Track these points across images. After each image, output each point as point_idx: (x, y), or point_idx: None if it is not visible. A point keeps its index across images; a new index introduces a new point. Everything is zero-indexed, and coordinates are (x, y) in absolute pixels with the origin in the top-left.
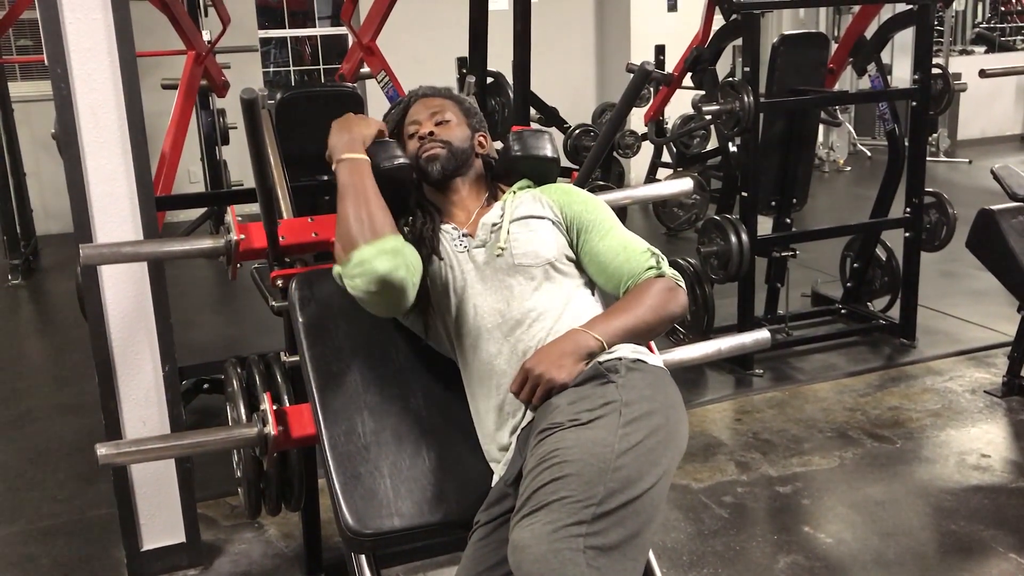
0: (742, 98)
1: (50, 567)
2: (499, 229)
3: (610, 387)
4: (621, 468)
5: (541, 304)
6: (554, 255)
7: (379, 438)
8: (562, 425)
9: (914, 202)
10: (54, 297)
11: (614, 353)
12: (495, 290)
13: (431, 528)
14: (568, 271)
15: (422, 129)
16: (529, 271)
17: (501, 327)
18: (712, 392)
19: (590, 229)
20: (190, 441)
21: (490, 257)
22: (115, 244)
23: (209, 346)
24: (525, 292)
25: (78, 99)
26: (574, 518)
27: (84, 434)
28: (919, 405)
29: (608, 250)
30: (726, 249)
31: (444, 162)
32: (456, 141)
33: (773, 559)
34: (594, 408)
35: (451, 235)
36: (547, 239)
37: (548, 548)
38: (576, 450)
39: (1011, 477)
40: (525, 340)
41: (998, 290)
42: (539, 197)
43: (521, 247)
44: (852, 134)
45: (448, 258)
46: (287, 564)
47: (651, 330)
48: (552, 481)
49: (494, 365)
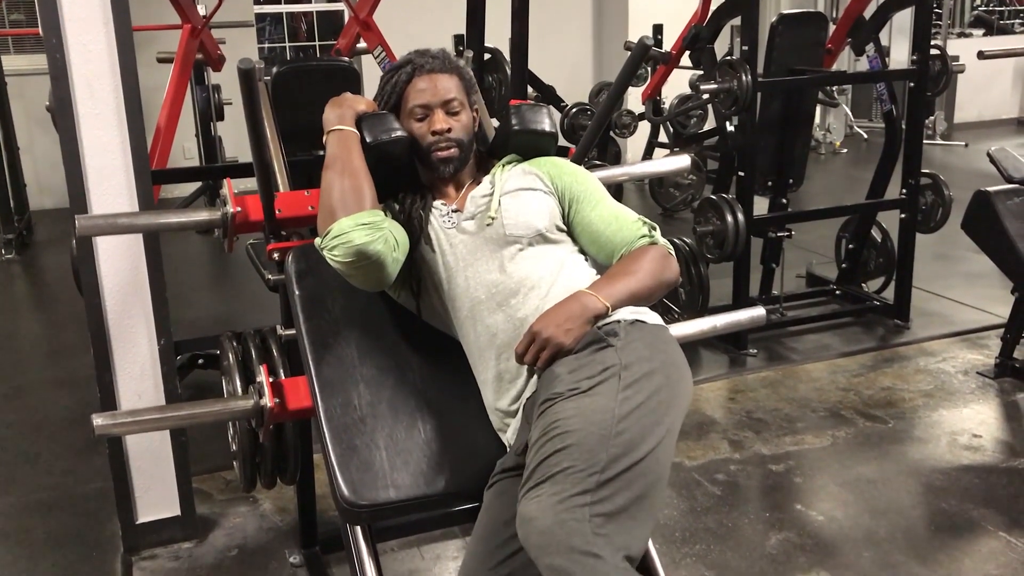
0: (740, 77)
1: (45, 540)
2: (489, 200)
3: (609, 351)
4: (623, 433)
5: (535, 272)
6: (545, 225)
7: (375, 410)
8: (562, 395)
9: (910, 183)
10: (48, 272)
11: (613, 315)
12: (486, 260)
13: (427, 500)
14: (559, 239)
15: (436, 123)
16: (520, 241)
17: (495, 297)
18: (706, 371)
19: (581, 200)
20: (186, 412)
21: (480, 228)
22: (111, 215)
23: (204, 322)
24: (517, 261)
25: (73, 70)
26: (578, 488)
27: (79, 408)
28: (912, 385)
29: (600, 220)
30: (722, 229)
31: (456, 164)
32: (466, 136)
33: (765, 536)
34: (593, 375)
35: (440, 211)
36: (538, 209)
37: (554, 519)
38: (577, 419)
39: (1002, 457)
40: (521, 309)
41: (992, 272)
42: (529, 170)
43: (512, 218)
44: (849, 116)
45: (437, 234)
46: (282, 538)
47: (650, 295)
48: (555, 452)
49: (491, 335)
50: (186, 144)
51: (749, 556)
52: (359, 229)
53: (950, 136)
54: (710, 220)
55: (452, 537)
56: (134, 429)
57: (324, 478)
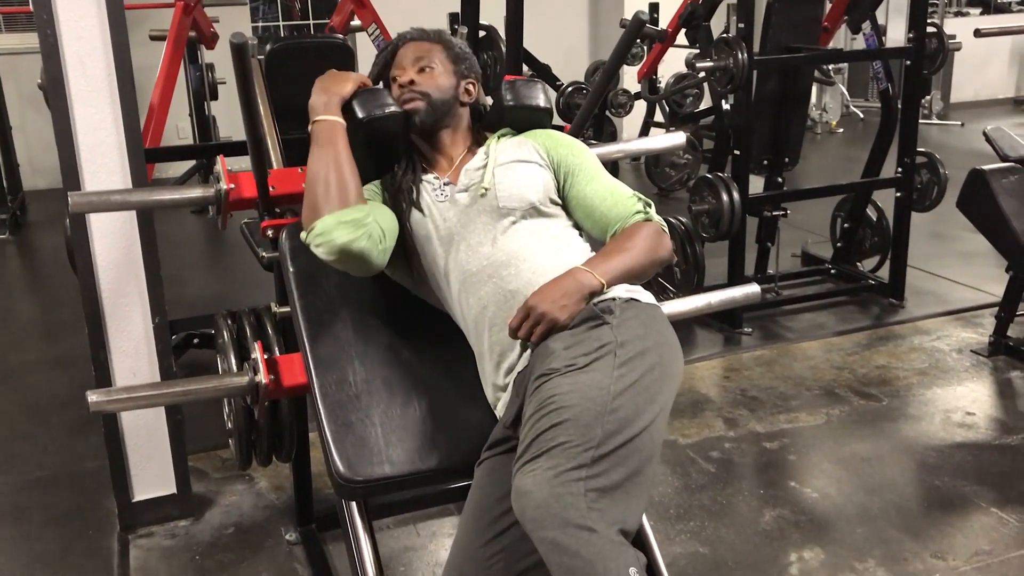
0: (736, 55)
1: (41, 518)
2: (483, 172)
3: (604, 329)
4: (618, 409)
5: (527, 245)
6: (538, 198)
7: (370, 387)
8: (558, 371)
9: (906, 162)
10: (42, 252)
11: (608, 293)
12: (479, 232)
13: (421, 475)
14: (553, 213)
15: (402, 76)
16: (513, 213)
17: (486, 269)
18: (701, 350)
19: (576, 173)
20: (181, 389)
21: (474, 200)
22: (104, 192)
23: (199, 301)
24: (510, 234)
25: (65, 47)
26: (574, 462)
27: (75, 387)
28: (906, 364)
29: (595, 194)
30: (717, 207)
31: (424, 115)
32: (436, 92)
33: (759, 513)
34: (589, 352)
35: (432, 185)
36: (532, 182)
37: (550, 493)
38: (573, 395)
39: (995, 434)
40: (512, 281)
41: (987, 251)
42: (524, 142)
43: (505, 190)
44: (845, 96)
45: (428, 209)
46: (278, 515)
47: (644, 273)
48: (551, 427)
49: (482, 307)
50: (180, 124)
51: (743, 532)
52: (341, 227)
53: (947, 116)
54: (705, 199)
55: (448, 514)
56: (129, 405)
57: (320, 456)
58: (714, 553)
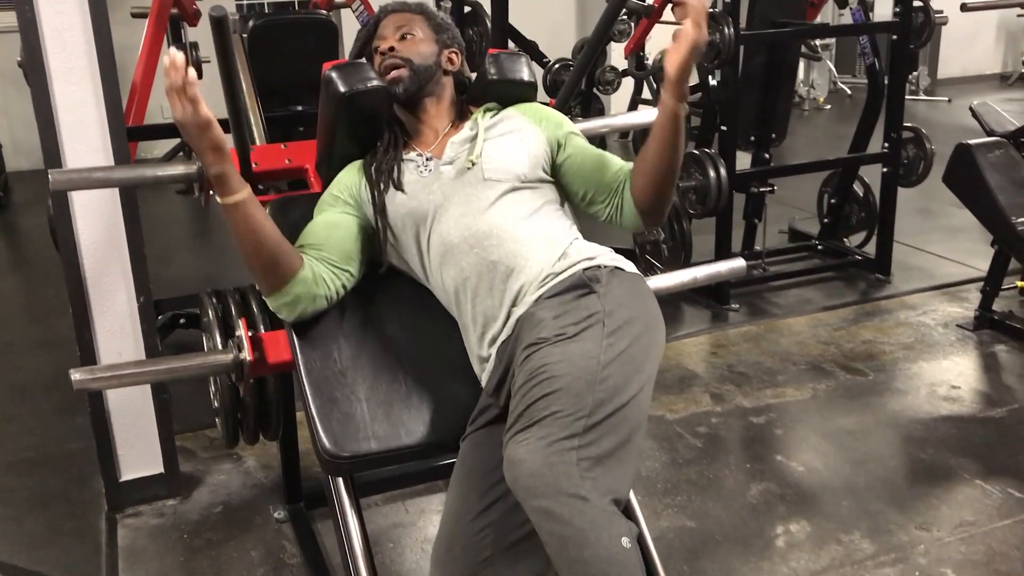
0: (722, 30)
1: (28, 499)
2: (471, 145)
3: (592, 298)
4: (608, 378)
5: (510, 216)
6: (525, 171)
7: (355, 363)
8: (548, 340)
9: (892, 137)
10: (26, 233)
11: (595, 260)
12: (463, 204)
13: (408, 451)
14: (537, 187)
15: (383, 44)
16: (499, 185)
17: (468, 240)
18: (688, 326)
19: (569, 139)
20: (165, 367)
21: (460, 172)
22: (85, 169)
23: (185, 281)
24: (495, 206)
25: (43, 22)
26: (566, 431)
27: (60, 368)
28: (892, 339)
29: (590, 151)
30: (704, 184)
31: (407, 83)
32: (418, 58)
33: (745, 487)
34: (579, 321)
35: (415, 163)
36: (519, 155)
37: (543, 462)
38: (564, 364)
39: (979, 407)
40: (494, 252)
41: (973, 226)
42: (511, 115)
43: (492, 162)
44: (833, 72)
45: (411, 186)
46: (266, 494)
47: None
48: (543, 397)
49: (463, 279)
50: (164, 103)
51: (730, 506)
52: (284, 309)
53: (933, 92)
54: (693, 175)
55: (436, 491)
56: (113, 384)
57: (308, 434)
58: (701, 527)
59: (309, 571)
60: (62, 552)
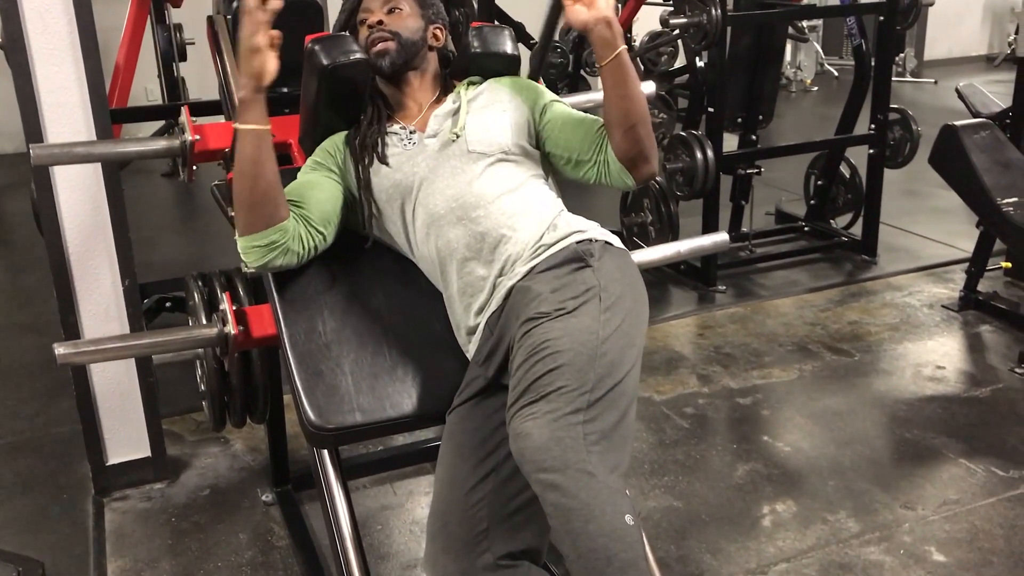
0: (709, 11)
1: (14, 483)
2: (454, 117)
3: (587, 272)
4: (607, 354)
5: (497, 187)
6: (509, 143)
7: (340, 336)
8: (548, 315)
9: (879, 119)
10: (9, 217)
11: (586, 233)
12: (448, 176)
13: (393, 423)
14: (522, 161)
15: (371, 17)
16: (484, 158)
17: (455, 211)
18: (675, 308)
19: (550, 105)
20: (149, 341)
21: (444, 145)
22: (67, 144)
23: (171, 265)
24: (480, 177)
25: (24, 3)
26: (571, 406)
27: (45, 353)
28: (878, 319)
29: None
30: (692, 165)
31: (394, 56)
32: (406, 32)
33: (732, 467)
34: (577, 296)
35: (398, 135)
36: (502, 125)
37: (550, 436)
38: (566, 339)
39: (964, 387)
40: (482, 223)
41: (958, 208)
42: (494, 87)
43: (475, 134)
44: (820, 54)
45: (395, 159)
46: (253, 477)
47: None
48: (547, 372)
49: (451, 250)
50: (148, 85)
51: (717, 486)
52: (252, 251)
53: (920, 73)
54: (680, 157)
55: (424, 473)
56: (97, 357)
57: (295, 417)
58: (688, 507)
59: (297, 553)
60: (49, 536)
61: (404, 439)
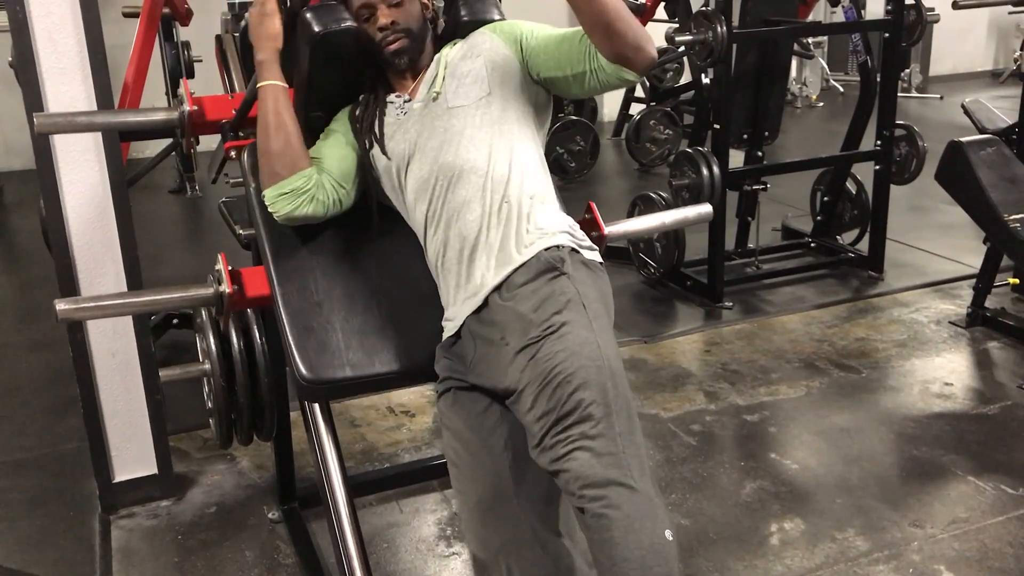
0: (715, 28)
1: (21, 500)
2: (435, 78)
3: (563, 280)
4: (609, 360)
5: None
6: (485, 84)
7: (331, 295)
8: (540, 337)
9: (884, 134)
10: (18, 234)
11: (553, 238)
12: (432, 137)
13: (381, 378)
14: (507, 103)
15: (380, 18)
16: (461, 112)
17: (440, 180)
18: (682, 324)
19: (531, 31)
20: (147, 299)
21: (426, 104)
22: (69, 113)
23: (178, 281)
24: (464, 135)
25: (34, 23)
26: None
27: (53, 370)
28: (885, 336)
29: (553, 32)
30: (698, 182)
31: (411, 53)
32: (415, 24)
33: (740, 484)
34: (560, 309)
35: (395, 105)
36: (477, 71)
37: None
38: (573, 358)
39: (972, 404)
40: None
41: (965, 223)
42: (471, 39)
43: (454, 88)
44: (825, 70)
45: (391, 129)
46: (260, 494)
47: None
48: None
49: (435, 216)
50: (156, 103)
51: (724, 504)
52: (281, 200)
53: (925, 89)
54: (686, 174)
55: (430, 491)
56: (96, 314)
57: (302, 434)
58: (696, 525)
59: (304, 571)
60: (55, 553)
61: (410, 456)
